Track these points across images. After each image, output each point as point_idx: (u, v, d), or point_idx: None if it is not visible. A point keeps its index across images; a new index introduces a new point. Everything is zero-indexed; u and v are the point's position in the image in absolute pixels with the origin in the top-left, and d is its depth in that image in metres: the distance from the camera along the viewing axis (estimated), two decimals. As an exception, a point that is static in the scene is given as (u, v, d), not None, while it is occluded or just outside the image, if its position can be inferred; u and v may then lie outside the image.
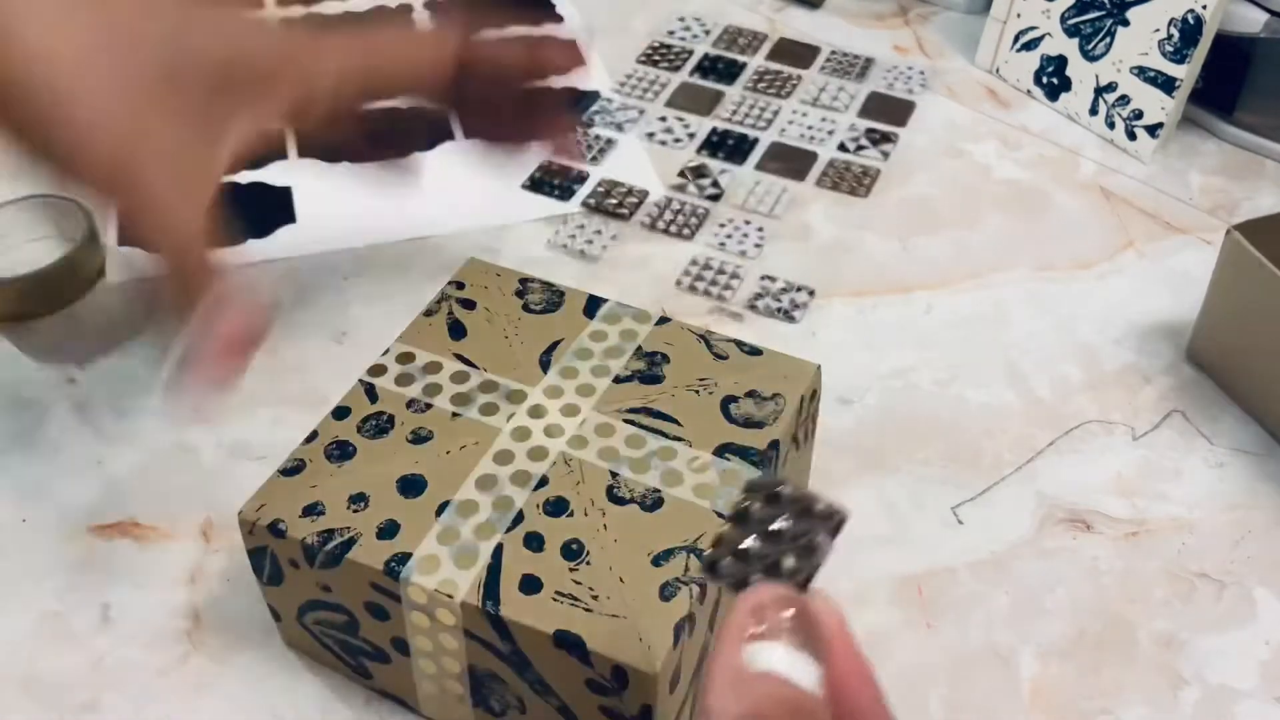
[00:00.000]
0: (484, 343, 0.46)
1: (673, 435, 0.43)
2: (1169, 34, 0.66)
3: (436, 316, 0.47)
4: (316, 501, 0.41)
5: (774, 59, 0.76)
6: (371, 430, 0.43)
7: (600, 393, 0.44)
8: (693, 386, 0.44)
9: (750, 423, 0.43)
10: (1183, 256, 0.63)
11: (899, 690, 0.45)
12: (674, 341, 0.46)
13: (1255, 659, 0.46)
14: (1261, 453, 0.53)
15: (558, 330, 0.46)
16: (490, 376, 0.45)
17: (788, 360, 0.45)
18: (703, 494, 0.41)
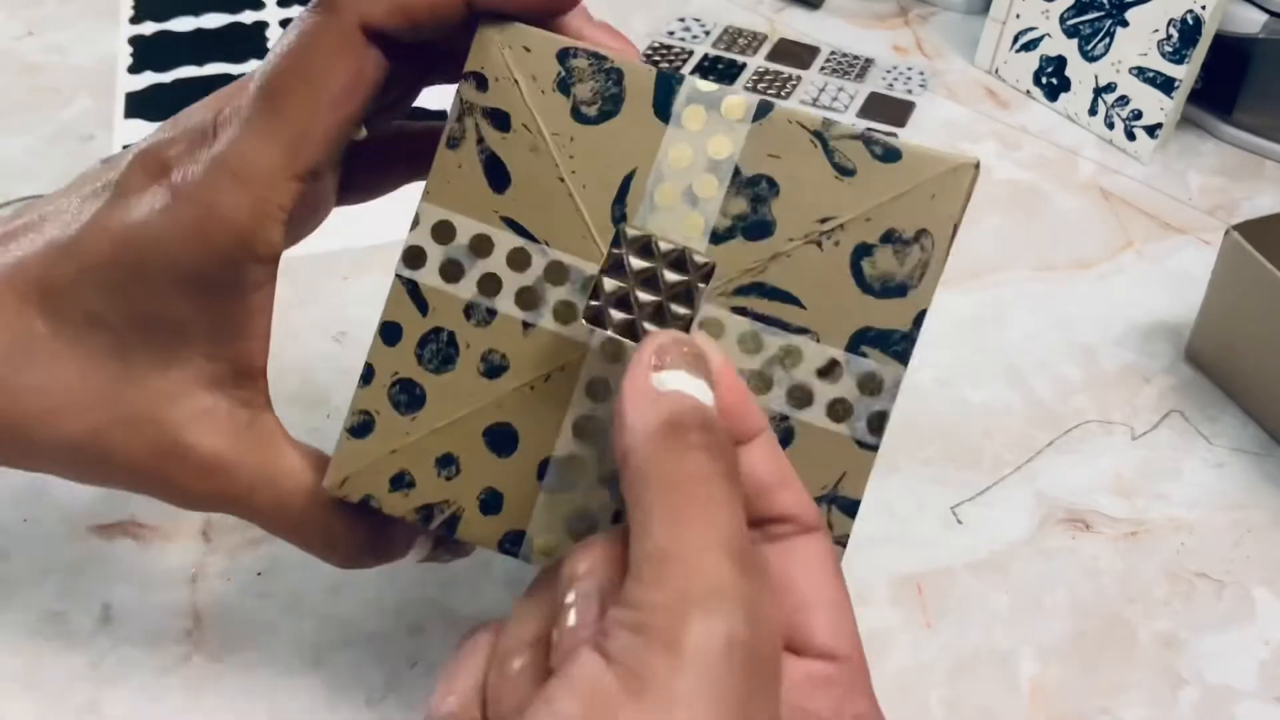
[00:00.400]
0: (535, 192, 0.35)
1: (795, 326, 0.34)
2: (1168, 34, 0.66)
3: (463, 148, 0.35)
4: (402, 471, 0.35)
5: (774, 59, 0.76)
6: (434, 359, 0.35)
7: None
8: (812, 235, 0.34)
9: (888, 288, 0.34)
10: (1182, 256, 0.63)
11: (899, 690, 0.45)
12: (781, 151, 0.34)
13: (1255, 659, 0.46)
14: (1261, 452, 0.53)
15: (625, 153, 0.34)
16: (556, 255, 0.34)
17: (935, 160, 0.33)
18: (839, 414, 0.34)
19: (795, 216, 0.34)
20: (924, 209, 0.34)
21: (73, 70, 0.75)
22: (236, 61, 0.76)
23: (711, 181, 0.34)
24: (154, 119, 0.71)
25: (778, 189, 0.34)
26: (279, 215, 0.34)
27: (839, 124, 0.34)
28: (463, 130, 0.35)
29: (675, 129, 0.34)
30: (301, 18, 0.35)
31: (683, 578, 0.26)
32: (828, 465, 0.34)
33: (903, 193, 0.34)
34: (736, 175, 0.34)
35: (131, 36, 0.78)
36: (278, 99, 0.34)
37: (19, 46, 0.78)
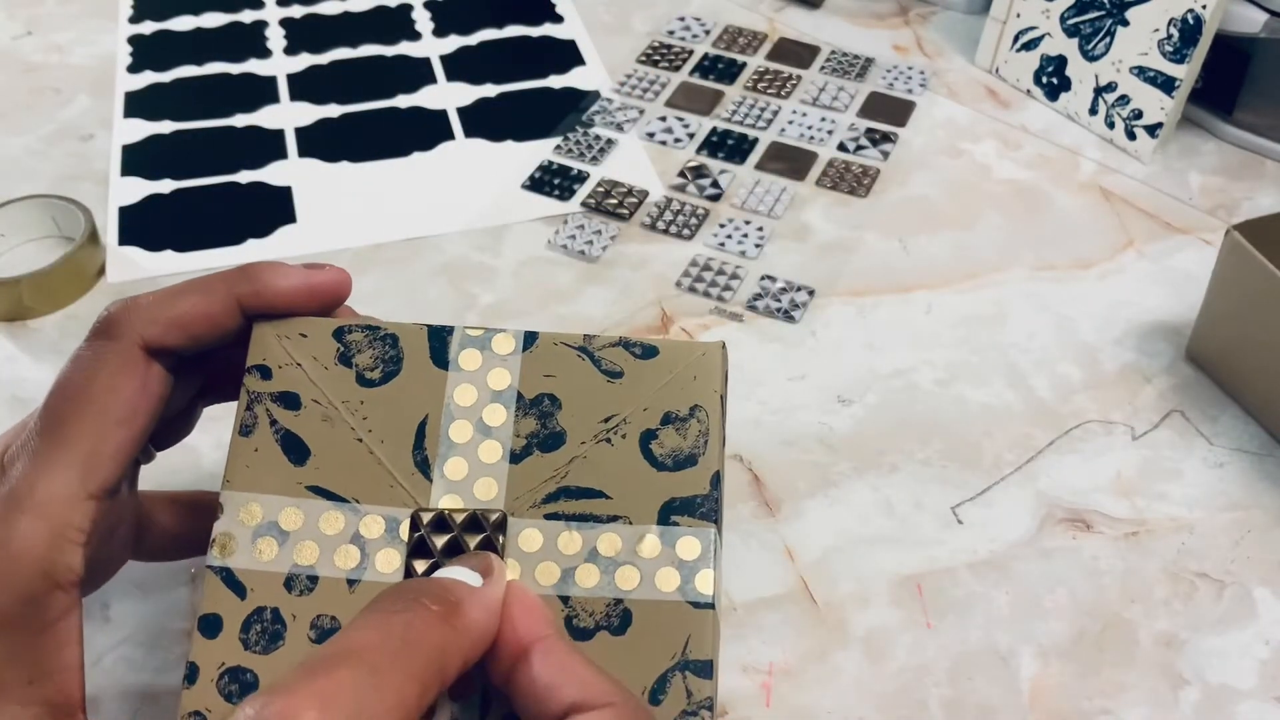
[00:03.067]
0: (336, 457, 0.36)
1: (607, 516, 0.36)
2: (1169, 34, 0.66)
3: (257, 433, 0.36)
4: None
5: (774, 59, 0.76)
6: (261, 639, 0.34)
7: (503, 484, 0.36)
8: (601, 434, 0.36)
9: (680, 461, 0.36)
10: (1183, 256, 0.63)
11: (899, 690, 0.45)
12: (555, 370, 0.37)
13: (1255, 659, 0.46)
14: (1261, 452, 0.53)
15: (415, 404, 0.37)
16: (367, 510, 0.35)
17: (686, 348, 0.38)
18: (667, 583, 0.35)
19: (582, 422, 0.37)
20: (690, 389, 0.37)
21: (72, 69, 0.75)
22: (236, 61, 0.76)
23: (499, 410, 0.37)
24: (153, 118, 0.71)
25: (559, 403, 0.37)
26: (77, 538, 0.34)
27: (597, 337, 0.38)
28: (254, 418, 0.37)
29: (455, 373, 0.37)
30: (81, 346, 0.36)
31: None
32: (671, 634, 0.34)
33: (668, 381, 0.37)
34: (520, 400, 0.37)
35: (131, 36, 0.78)
36: (64, 424, 0.35)
37: (19, 46, 0.78)
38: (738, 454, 0.53)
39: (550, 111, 0.72)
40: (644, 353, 0.38)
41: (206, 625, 0.34)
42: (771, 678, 0.45)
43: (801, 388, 0.56)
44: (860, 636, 0.47)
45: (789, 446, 0.53)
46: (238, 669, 0.34)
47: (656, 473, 0.36)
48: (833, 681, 0.45)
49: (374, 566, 0.35)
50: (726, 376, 0.38)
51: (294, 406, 0.37)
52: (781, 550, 0.49)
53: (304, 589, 0.35)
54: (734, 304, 0.60)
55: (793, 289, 0.61)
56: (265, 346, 0.37)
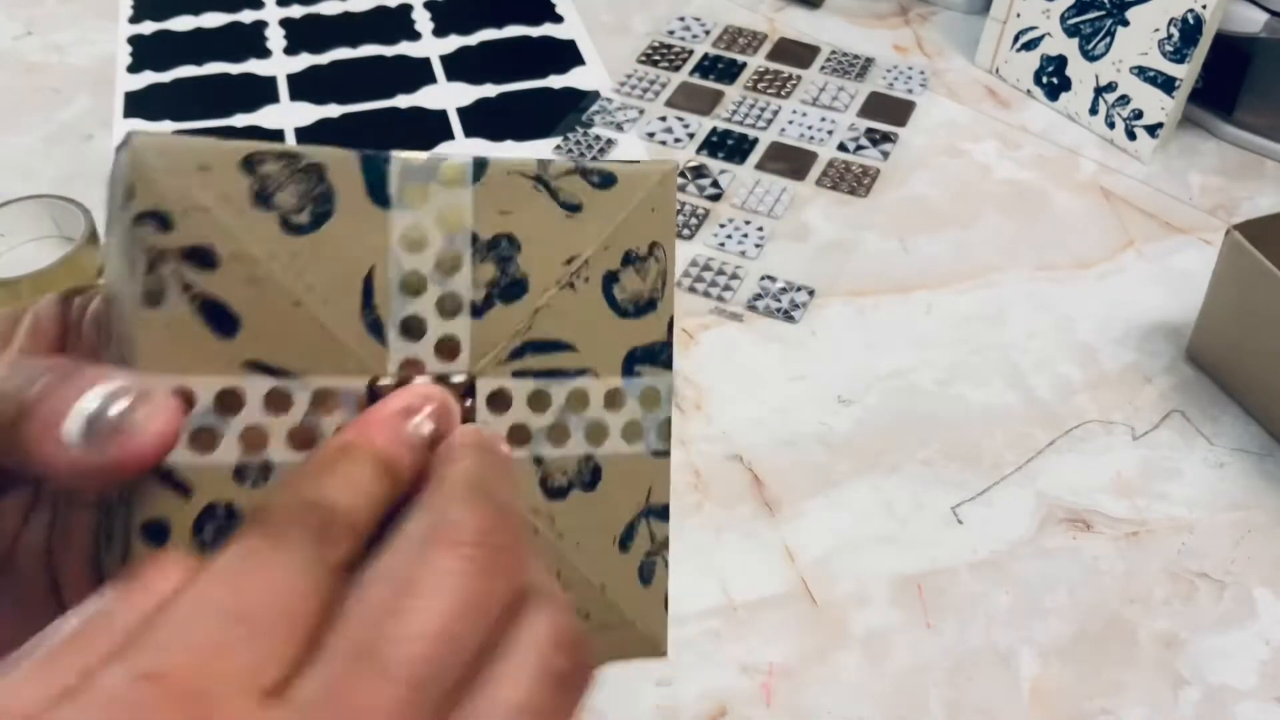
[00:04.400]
0: (272, 325, 0.30)
1: (574, 370, 0.34)
2: (1169, 34, 0.66)
3: (167, 303, 0.29)
4: None
5: (774, 59, 0.76)
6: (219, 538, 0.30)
7: (466, 344, 0.32)
8: (563, 279, 0.33)
9: (640, 306, 0.34)
10: (1183, 256, 0.63)
11: (899, 690, 0.45)
12: (511, 206, 0.33)
13: (1255, 659, 0.46)
14: (1261, 452, 0.53)
15: (355, 254, 0.31)
16: (318, 383, 0.31)
17: (641, 175, 0.34)
18: (632, 436, 0.34)
19: (543, 266, 0.33)
20: (648, 223, 0.34)
21: (72, 70, 0.75)
22: (235, 61, 0.76)
23: (454, 255, 0.32)
24: (153, 118, 0.71)
25: (519, 244, 0.33)
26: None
27: (554, 162, 0.33)
28: (160, 283, 0.29)
29: (400, 211, 0.31)
30: None
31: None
32: (636, 485, 0.34)
33: (628, 214, 0.34)
34: (476, 241, 0.32)
35: (131, 36, 0.78)
36: None
37: (19, 46, 0.78)
38: (738, 454, 0.53)
39: (550, 111, 0.72)
40: (602, 180, 0.34)
41: (151, 533, 0.29)
42: (771, 678, 0.45)
43: (801, 388, 0.56)
44: (860, 636, 0.47)
45: (789, 446, 0.53)
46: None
47: (619, 320, 0.34)
48: (833, 681, 0.45)
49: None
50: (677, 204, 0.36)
51: (210, 265, 0.29)
52: (781, 550, 0.49)
53: (258, 478, 0.30)
54: (734, 304, 0.60)
55: (793, 289, 0.61)
56: (153, 185, 0.29)
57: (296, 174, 0.30)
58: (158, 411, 0.27)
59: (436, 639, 0.23)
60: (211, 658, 0.22)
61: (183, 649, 0.22)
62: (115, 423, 0.27)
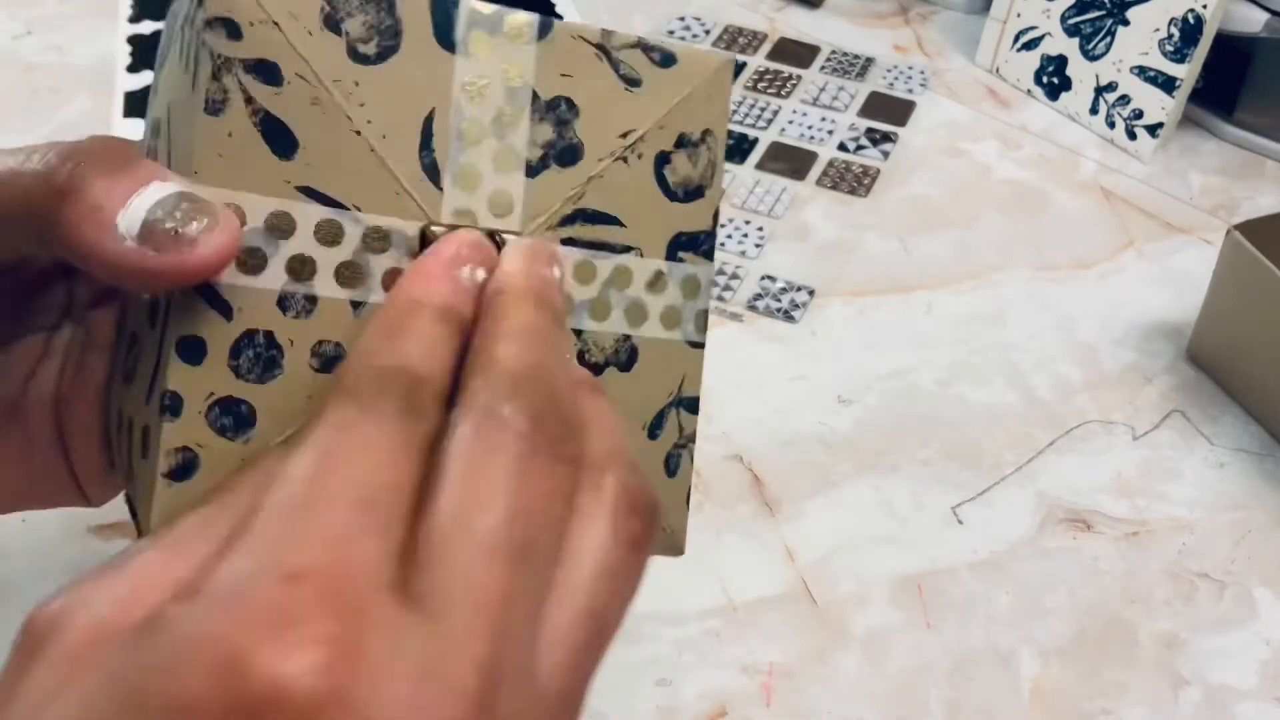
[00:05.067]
0: (330, 152, 0.30)
1: (620, 246, 0.33)
2: (1169, 33, 0.66)
3: (229, 113, 0.28)
4: None
5: (774, 58, 0.76)
6: (255, 368, 0.29)
7: (519, 202, 0.32)
8: (618, 152, 0.33)
9: (689, 191, 0.34)
10: (1183, 256, 0.63)
11: (899, 690, 0.45)
12: (572, 70, 0.32)
13: (1256, 659, 0.46)
14: (1262, 452, 0.53)
15: (419, 93, 0.31)
16: (371, 220, 0.30)
17: (702, 60, 0.34)
18: (671, 322, 0.34)
19: (599, 135, 0.33)
20: (704, 110, 0.34)
21: (71, 69, 0.75)
22: (236, 61, 0.75)
23: (515, 110, 0.32)
24: (153, 118, 0.71)
25: (577, 110, 0.32)
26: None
27: (617, 33, 0.33)
28: (224, 92, 0.29)
29: (464, 58, 0.31)
30: None
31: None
32: (669, 372, 0.34)
33: (685, 96, 0.34)
34: (536, 100, 0.32)
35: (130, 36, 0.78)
36: None
37: (18, 46, 0.78)
38: (738, 454, 0.53)
39: (550, 111, 0.72)
40: (663, 59, 0.33)
41: (187, 350, 0.28)
42: (771, 678, 0.45)
43: (801, 388, 0.56)
44: (860, 636, 0.47)
45: (789, 446, 0.53)
46: (230, 400, 0.29)
47: (668, 202, 0.34)
48: (833, 681, 0.45)
49: (380, 287, 0.30)
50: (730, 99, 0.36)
51: (274, 81, 0.29)
52: (781, 550, 0.49)
53: (301, 310, 0.29)
54: (734, 304, 0.60)
55: (793, 289, 0.61)
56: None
57: (367, 3, 0.30)
58: (221, 225, 0.27)
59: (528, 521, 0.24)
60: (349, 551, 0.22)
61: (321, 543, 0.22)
62: (176, 227, 0.26)
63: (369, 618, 0.21)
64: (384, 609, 0.21)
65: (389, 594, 0.22)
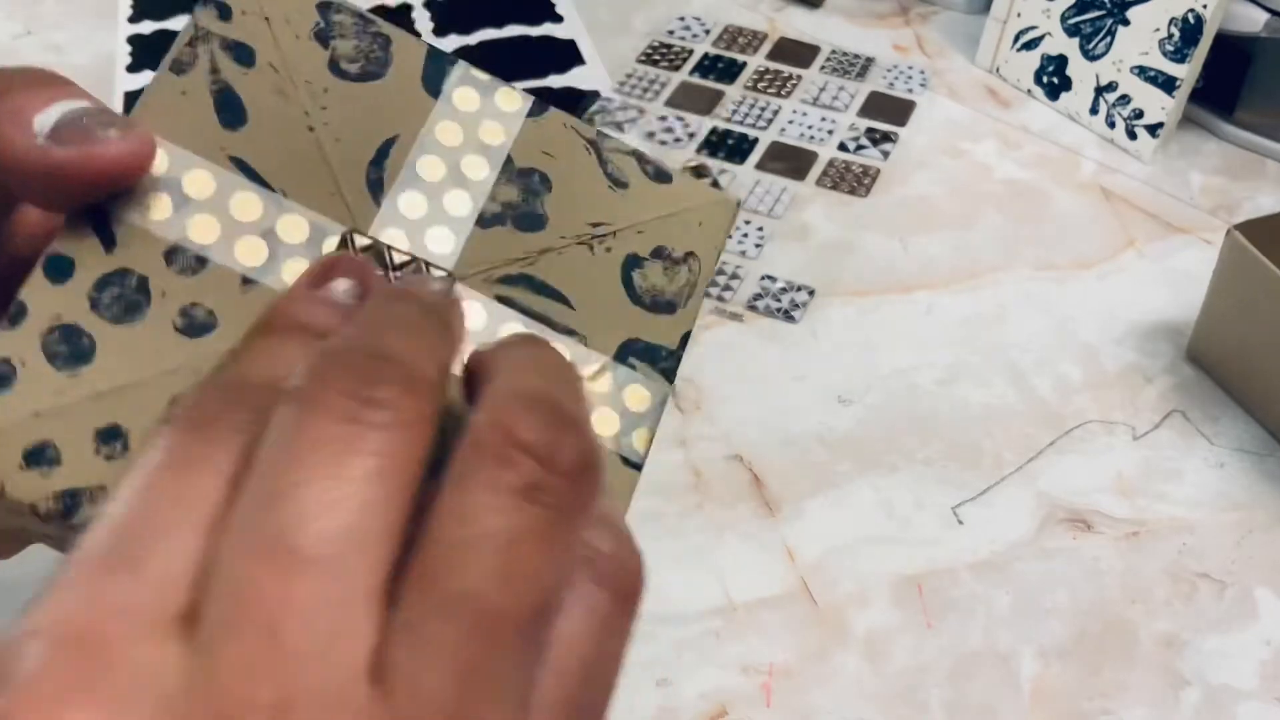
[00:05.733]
0: (276, 138, 0.30)
1: (563, 326, 0.31)
2: (1169, 33, 0.66)
3: (191, 75, 0.29)
4: (44, 442, 0.27)
5: (774, 58, 0.76)
6: (115, 306, 0.28)
7: (461, 244, 0.31)
8: (584, 237, 0.32)
9: (658, 303, 0.32)
10: (1183, 256, 0.63)
11: (899, 690, 0.45)
12: (556, 151, 0.32)
13: (1256, 659, 0.46)
14: (1262, 452, 0.53)
15: (387, 118, 0.31)
16: (295, 209, 0.29)
17: (701, 191, 0.34)
18: (605, 427, 0.31)
19: (567, 216, 0.32)
20: (692, 233, 0.33)
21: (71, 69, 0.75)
22: (236, 61, 0.75)
23: (481, 164, 0.31)
24: (153, 118, 0.71)
25: (550, 185, 0.32)
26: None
27: (612, 138, 0.33)
28: (194, 57, 0.29)
29: (445, 105, 0.31)
30: None
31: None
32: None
33: (673, 213, 0.33)
34: (509, 164, 0.31)
35: (130, 35, 0.78)
36: None
37: (18, 46, 0.78)
38: (738, 454, 0.53)
39: (550, 111, 0.72)
40: (657, 175, 0.33)
41: (55, 266, 0.27)
42: (771, 678, 0.45)
43: (801, 388, 0.56)
44: (860, 636, 0.47)
45: (789, 446, 0.53)
46: (75, 328, 0.27)
47: (630, 304, 0.32)
48: (833, 681, 0.45)
49: (279, 273, 0.29)
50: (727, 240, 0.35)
51: (246, 63, 0.30)
52: (781, 550, 0.49)
53: (188, 267, 0.28)
54: (734, 304, 0.60)
55: (793, 289, 0.61)
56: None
57: (364, 34, 0.31)
58: (133, 134, 0.27)
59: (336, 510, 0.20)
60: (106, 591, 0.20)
61: (75, 588, 0.20)
62: (89, 128, 0.27)
63: (115, 662, 0.19)
64: (139, 650, 0.19)
65: (152, 631, 0.19)
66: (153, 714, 0.18)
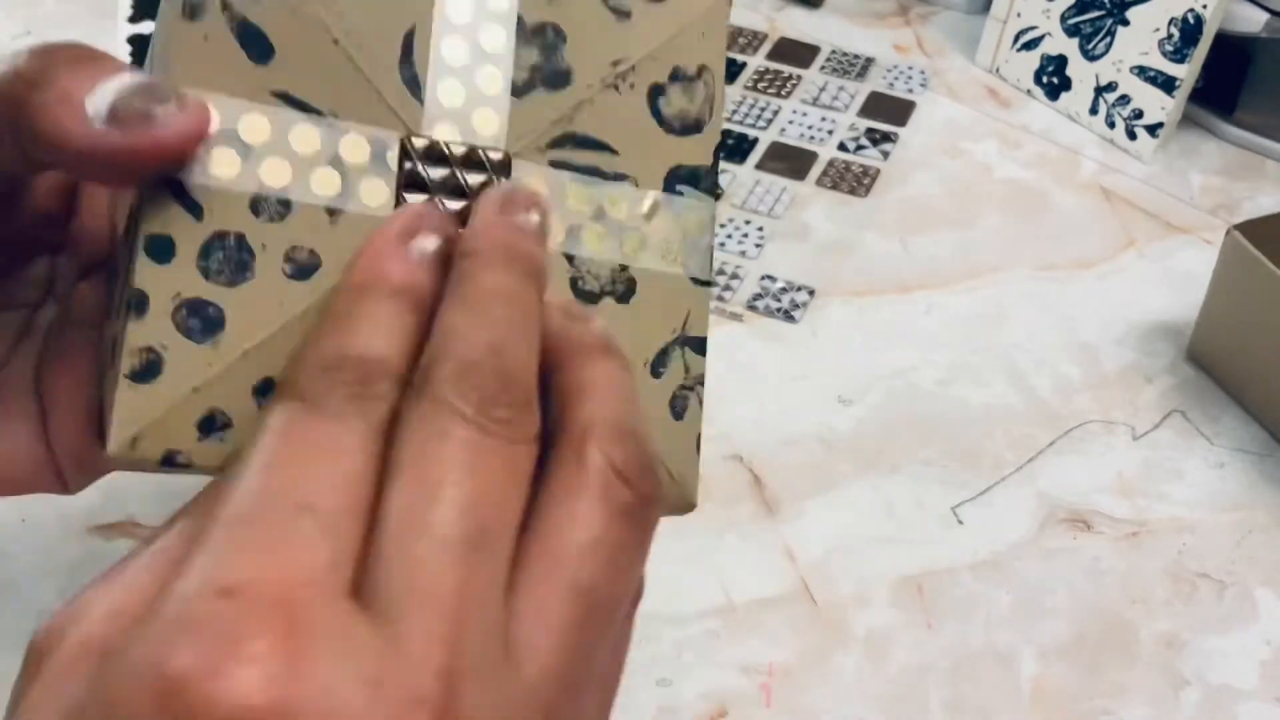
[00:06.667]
0: (307, 60, 0.30)
1: (614, 173, 0.33)
2: (1169, 33, 0.66)
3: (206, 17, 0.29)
4: (213, 412, 0.28)
5: (774, 58, 0.76)
6: (225, 270, 0.28)
7: (505, 121, 0.31)
8: (609, 79, 0.33)
9: (686, 125, 0.33)
10: (1183, 256, 0.63)
11: (899, 690, 0.45)
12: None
13: (1256, 659, 0.46)
14: (1262, 452, 0.53)
15: (400, 8, 0.31)
16: (349, 127, 0.30)
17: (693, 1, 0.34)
18: (671, 256, 0.33)
19: (589, 62, 0.32)
20: (698, 46, 0.34)
21: (72, 69, 0.75)
22: (236, 61, 0.75)
23: (498, 33, 0.31)
24: (153, 118, 0.71)
25: (565, 36, 0.32)
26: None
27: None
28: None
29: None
30: None
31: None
32: (672, 308, 0.33)
33: (678, 31, 0.33)
34: (521, 25, 0.32)
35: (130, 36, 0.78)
36: None
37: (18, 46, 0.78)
38: (738, 454, 0.53)
39: (550, 111, 0.72)
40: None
41: (156, 247, 0.28)
42: (771, 678, 0.45)
43: (801, 388, 0.56)
44: (860, 636, 0.47)
45: (789, 446, 0.53)
46: (198, 301, 0.28)
47: (664, 134, 0.33)
48: (833, 681, 0.45)
49: (358, 196, 0.29)
50: (728, 41, 0.35)
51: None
52: (781, 550, 0.49)
53: (275, 214, 0.29)
54: (734, 304, 0.60)
55: (793, 289, 0.61)
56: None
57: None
58: (189, 106, 0.27)
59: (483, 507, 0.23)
60: (288, 559, 0.21)
61: (258, 554, 0.21)
62: (143, 109, 0.26)
63: (311, 626, 0.20)
64: (330, 616, 0.21)
65: (337, 600, 0.21)
66: (350, 674, 0.20)
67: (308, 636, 0.20)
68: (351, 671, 0.20)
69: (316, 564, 0.21)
